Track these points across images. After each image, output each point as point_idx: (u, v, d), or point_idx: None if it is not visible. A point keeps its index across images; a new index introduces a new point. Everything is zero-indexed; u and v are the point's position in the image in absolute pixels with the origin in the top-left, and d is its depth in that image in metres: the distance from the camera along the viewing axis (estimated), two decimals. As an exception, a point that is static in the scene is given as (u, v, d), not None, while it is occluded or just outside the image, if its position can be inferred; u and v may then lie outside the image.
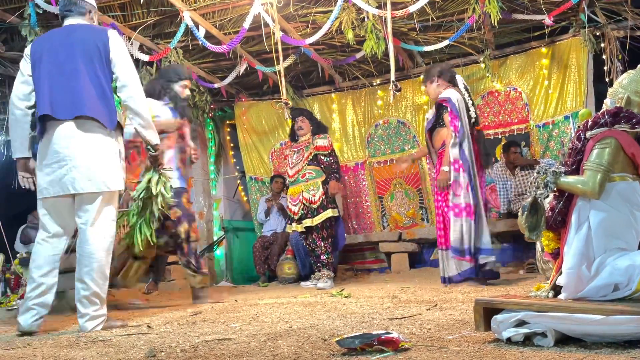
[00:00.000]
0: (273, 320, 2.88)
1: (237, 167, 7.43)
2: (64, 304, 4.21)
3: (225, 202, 7.23)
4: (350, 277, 6.00)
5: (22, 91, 2.90)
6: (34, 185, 2.92)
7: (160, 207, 3.07)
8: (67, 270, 4.14)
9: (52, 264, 2.82)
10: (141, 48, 5.04)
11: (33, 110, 2.90)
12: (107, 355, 2.18)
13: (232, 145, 7.44)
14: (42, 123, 2.82)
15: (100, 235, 2.82)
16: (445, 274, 4.16)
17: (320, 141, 5.08)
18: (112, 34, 2.92)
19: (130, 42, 4.86)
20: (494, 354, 1.77)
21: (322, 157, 5.04)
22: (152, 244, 3.30)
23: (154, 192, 3.07)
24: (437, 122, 4.31)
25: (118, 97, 2.92)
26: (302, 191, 5.01)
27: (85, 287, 2.79)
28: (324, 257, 4.94)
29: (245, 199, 7.38)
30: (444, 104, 4.19)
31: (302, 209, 4.99)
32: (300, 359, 1.89)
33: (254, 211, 6.81)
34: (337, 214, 5.09)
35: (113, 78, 2.88)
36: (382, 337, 1.90)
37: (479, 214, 4.06)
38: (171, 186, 3.34)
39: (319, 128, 5.25)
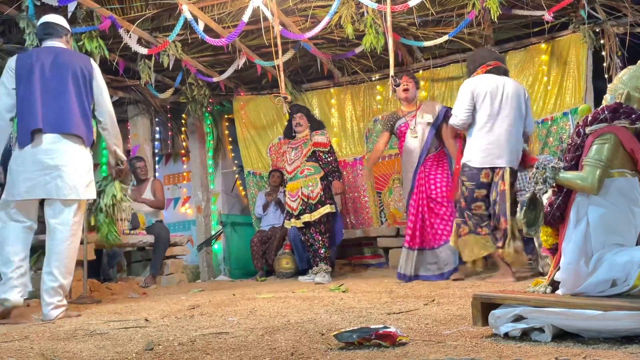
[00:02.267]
0: (271, 314, 2.88)
1: (236, 162, 7.43)
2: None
3: (223, 196, 7.23)
4: (348, 272, 6.01)
5: (7, 103, 3.15)
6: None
7: (117, 209, 3.61)
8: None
9: (26, 250, 3.13)
10: (139, 41, 5.01)
11: (13, 121, 3.19)
12: (105, 348, 2.18)
13: (230, 139, 7.43)
14: (27, 135, 3.09)
15: (70, 234, 3.15)
16: (428, 273, 4.31)
17: (319, 137, 5.08)
18: (94, 63, 3.34)
19: (128, 35, 4.84)
20: (491, 348, 1.77)
21: (321, 154, 5.04)
22: None
23: (117, 198, 3.61)
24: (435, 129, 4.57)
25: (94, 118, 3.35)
26: (301, 187, 5.01)
27: (54, 279, 3.09)
28: (322, 252, 4.94)
29: (243, 193, 7.38)
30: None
31: (301, 205, 5.00)
32: (298, 353, 1.89)
33: (252, 206, 6.81)
34: (335, 210, 5.10)
35: (93, 102, 3.29)
36: (380, 332, 1.91)
37: None
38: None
39: (317, 125, 5.25)
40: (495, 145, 3.87)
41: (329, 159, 5.05)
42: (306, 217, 4.95)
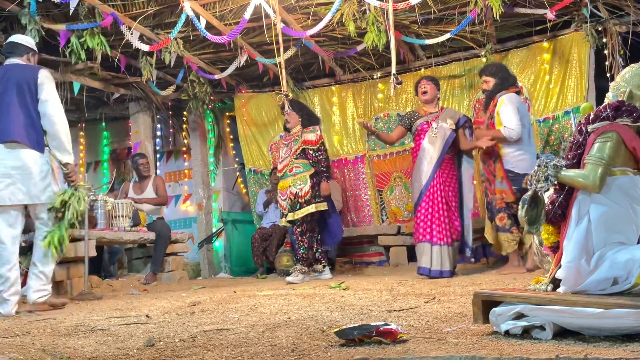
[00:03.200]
0: (271, 311, 2.88)
1: (237, 159, 7.43)
2: (62, 292, 4.24)
3: (224, 193, 7.23)
4: (349, 269, 6.01)
5: None
6: None
7: (74, 217, 3.53)
8: (66, 261, 4.19)
9: (13, 259, 3.39)
10: (141, 38, 5.01)
11: None
12: (106, 344, 2.18)
13: (231, 137, 7.43)
14: None
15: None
16: (440, 267, 4.39)
17: (309, 135, 4.91)
18: (42, 73, 3.50)
19: (130, 32, 4.84)
20: (492, 346, 1.77)
21: (311, 152, 4.89)
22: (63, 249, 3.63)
23: (66, 204, 3.53)
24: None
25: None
26: (290, 186, 4.87)
27: (35, 267, 3.46)
28: (301, 252, 4.82)
29: (244, 191, 7.38)
30: (467, 123, 4.75)
31: (290, 204, 4.86)
32: (299, 349, 1.89)
33: (253, 203, 6.81)
34: (323, 209, 4.92)
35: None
36: (381, 329, 1.91)
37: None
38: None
39: (310, 120, 5.07)
40: (534, 155, 4.45)
41: (319, 157, 4.89)
42: (290, 216, 4.86)
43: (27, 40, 3.69)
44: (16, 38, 3.66)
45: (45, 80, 3.48)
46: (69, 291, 4.32)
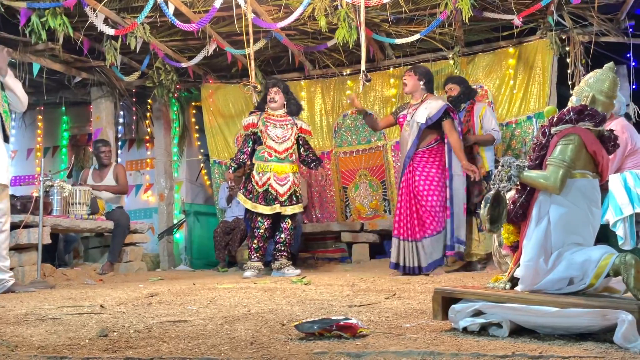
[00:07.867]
0: (231, 304, 2.84)
1: (202, 150, 7.31)
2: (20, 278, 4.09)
3: (187, 185, 7.12)
4: (311, 265, 6.00)
5: None
6: None
7: None
8: (19, 248, 4.05)
9: None
10: (106, 21, 4.86)
11: None
12: (57, 333, 2.10)
13: (197, 127, 7.31)
14: None
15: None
16: (411, 264, 4.34)
17: (304, 124, 5.00)
18: None
19: (95, 14, 4.69)
20: (450, 342, 1.79)
21: (307, 141, 4.97)
22: None
23: None
24: (434, 123, 4.43)
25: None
26: (290, 173, 4.76)
27: None
28: (287, 246, 4.86)
29: (208, 182, 7.27)
30: (452, 113, 4.43)
31: (290, 193, 4.75)
32: (258, 342, 1.87)
33: (217, 196, 6.72)
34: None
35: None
36: (341, 323, 1.90)
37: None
38: None
39: (297, 109, 4.99)
40: None
41: (311, 147, 5.04)
42: (289, 210, 4.76)
43: None
44: None
45: None
46: (21, 279, 4.16)
